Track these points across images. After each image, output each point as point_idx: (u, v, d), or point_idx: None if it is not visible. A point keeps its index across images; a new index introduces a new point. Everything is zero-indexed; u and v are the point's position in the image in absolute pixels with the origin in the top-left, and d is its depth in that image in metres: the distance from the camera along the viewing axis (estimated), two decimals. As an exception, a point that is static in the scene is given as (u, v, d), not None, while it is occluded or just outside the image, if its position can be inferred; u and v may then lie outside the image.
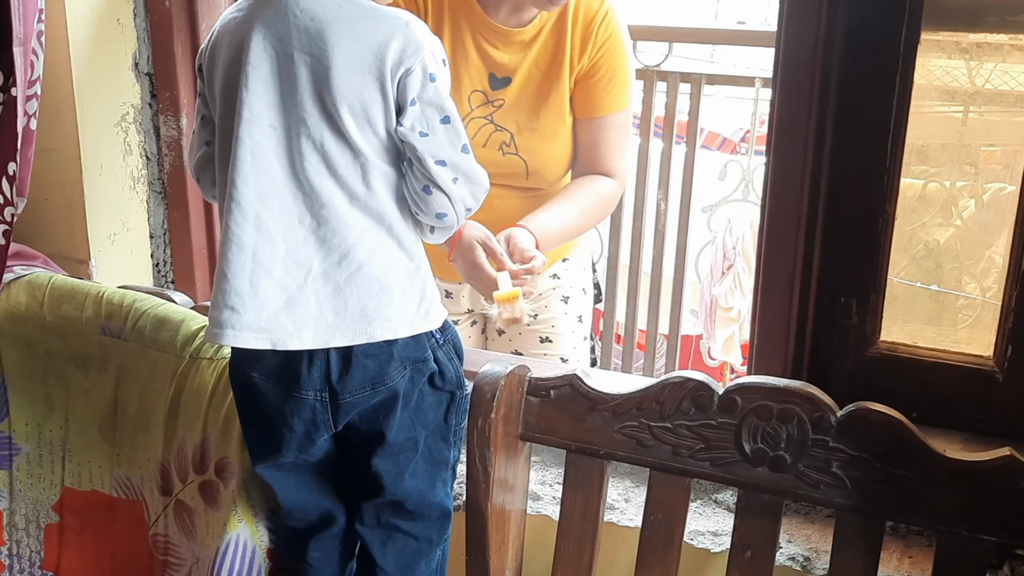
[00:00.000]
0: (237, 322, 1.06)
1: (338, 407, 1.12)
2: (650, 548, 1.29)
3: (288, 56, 1.04)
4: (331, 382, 1.10)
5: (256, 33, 1.04)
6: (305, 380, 1.10)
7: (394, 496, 1.20)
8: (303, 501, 1.22)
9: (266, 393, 1.12)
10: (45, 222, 1.66)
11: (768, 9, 7.16)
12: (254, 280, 1.05)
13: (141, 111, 1.71)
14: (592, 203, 1.72)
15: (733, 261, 3.30)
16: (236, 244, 1.05)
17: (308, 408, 1.11)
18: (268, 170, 1.05)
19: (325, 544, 1.24)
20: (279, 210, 1.05)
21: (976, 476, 1.12)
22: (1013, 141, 1.39)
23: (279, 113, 1.05)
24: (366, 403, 1.13)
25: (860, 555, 1.19)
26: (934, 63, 1.32)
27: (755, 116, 3.11)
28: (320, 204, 1.06)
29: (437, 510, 1.24)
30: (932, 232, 1.42)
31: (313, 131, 1.04)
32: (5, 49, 1.30)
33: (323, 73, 1.03)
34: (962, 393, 1.32)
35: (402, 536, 1.23)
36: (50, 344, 1.44)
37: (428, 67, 1.06)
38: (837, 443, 1.17)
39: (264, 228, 1.05)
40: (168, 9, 1.65)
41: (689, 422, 1.24)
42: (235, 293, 1.05)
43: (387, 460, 1.18)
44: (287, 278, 1.06)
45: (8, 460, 1.49)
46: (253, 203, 1.05)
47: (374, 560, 1.23)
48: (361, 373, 1.10)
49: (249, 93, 1.04)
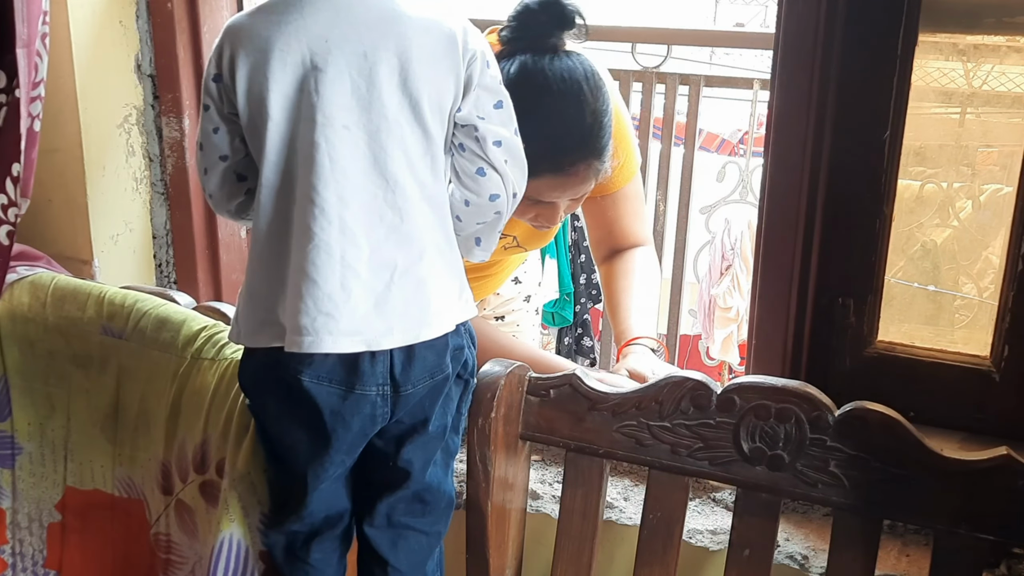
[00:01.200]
0: (334, 327, 1.04)
1: (399, 399, 1.11)
2: (649, 546, 1.29)
3: (359, 55, 1.03)
4: (394, 375, 1.10)
5: (316, 34, 1.03)
6: (368, 377, 1.08)
7: (418, 486, 1.20)
8: (322, 505, 1.20)
9: (317, 396, 1.09)
10: (48, 223, 1.66)
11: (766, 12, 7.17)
12: (345, 284, 1.04)
13: (144, 112, 1.71)
14: (655, 283, 1.74)
15: (731, 261, 3.31)
16: (324, 249, 1.03)
17: (369, 404, 1.10)
18: (348, 172, 1.04)
19: (326, 545, 1.24)
20: (360, 211, 1.04)
21: (973, 475, 1.12)
22: (1010, 142, 1.39)
23: (354, 113, 1.03)
24: (423, 393, 1.13)
25: (858, 554, 1.19)
26: (931, 65, 1.32)
27: (753, 117, 3.11)
28: (403, 199, 1.06)
29: (445, 499, 1.25)
30: (929, 233, 1.42)
31: (394, 126, 1.04)
32: (8, 51, 1.30)
33: (402, 67, 1.03)
34: (959, 393, 1.33)
35: (413, 534, 1.23)
36: (52, 344, 1.44)
37: (486, 54, 1.09)
38: (835, 442, 1.17)
39: (348, 230, 1.04)
40: (170, 11, 1.65)
41: (688, 421, 1.24)
42: (328, 298, 1.04)
43: (419, 449, 1.18)
44: (374, 279, 1.05)
45: (11, 459, 1.49)
46: (335, 206, 1.03)
47: (386, 560, 1.22)
48: (422, 364, 1.11)
49: (320, 97, 1.02)
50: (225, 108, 1.09)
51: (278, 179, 1.06)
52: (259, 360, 1.13)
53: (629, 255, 1.72)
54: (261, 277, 1.09)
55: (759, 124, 3.02)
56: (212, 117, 1.10)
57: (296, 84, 1.03)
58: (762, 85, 2.79)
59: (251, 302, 1.11)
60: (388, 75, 1.03)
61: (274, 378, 1.10)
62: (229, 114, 1.09)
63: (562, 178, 1.39)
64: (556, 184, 1.39)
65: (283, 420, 1.14)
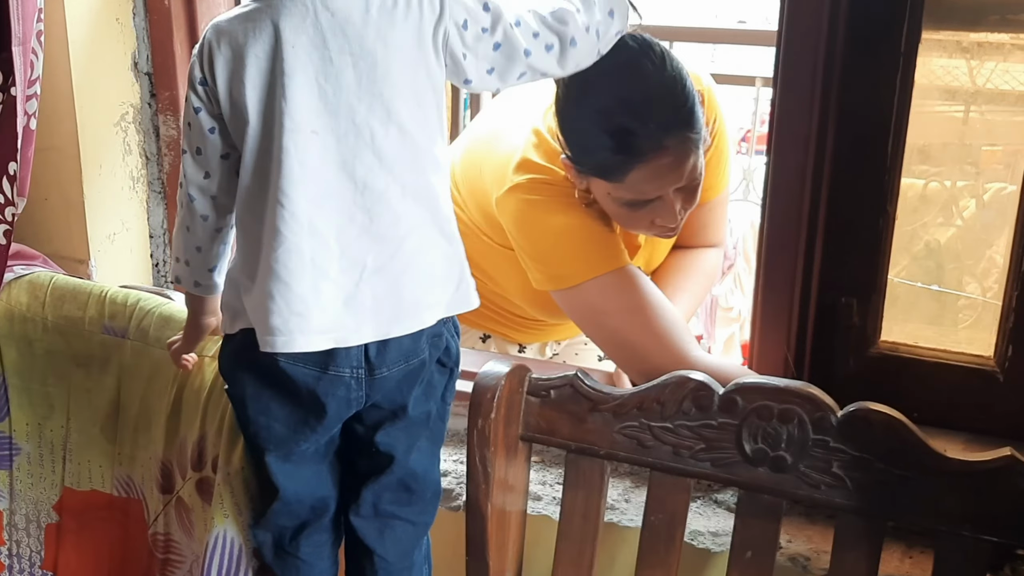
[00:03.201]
0: (306, 327, 1.06)
1: (373, 382, 1.13)
2: (650, 548, 1.29)
3: (326, 60, 1.03)
4: (369, 358, 1.11)
5: (284, 39, 1.03)
6: (342, 359, 1.10)
7: (402, 472, 1.21)
8: (303, 491, 1.21)
9: (295, 376, 1.11)
10: (44, 222, 1.66)
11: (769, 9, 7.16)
12: (316, 284, 1.06)
13: (140, 111, 1.71)
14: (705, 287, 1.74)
15: (734, 261, 3.30)
16: (296, 252, 1.05)
17: (344, 386, 1.12)
18: (317, 175, 1.05)
19: (315, 538, 1.24)
20: (331, 212, 1.06)
21: (977, 476, 1.12)
22: (1014, 141, 1.39)
23: (322, 117, 1.04)
24: (398, 376, 1.14)
25: (861, 556, 1.19)
26: (935, 62, 1.31)
27: (756, 115, 3.11)
28: (373, 200, 1.06)
29: (432, 488, 1.26)
30: (933, 232, 1.42)
31: (363, 129, 1.04)
32: (3, 49, 1.30)
33: (370, 70, 1.04)
34: (963, 393, 1.32)
35: (400, 523, 1.24)
36: (51, 344, 1.44)
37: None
38: (838, 443, 1.17)
39: (318, 232, 1.05)
40: (167, 8, 1.65)
41: (690, 422, 1.24)
42: (300, 300, 1.06)
43: (400, 433, 1.19)
44: (343, 277, 1.07)
45: (8, 460, 1.49)
46: (306, 209, 1.05)
47: (372, 550, 1.24)
48: (397, 348, 1.12)
49: (288, 102, 1.03)
50: (215, 109, 1.10)
51: (254, 183, 1.08)
52: (237, 342, 1.14)
53: (694, 252, 1.72)
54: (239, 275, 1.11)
55: (762, 122, 3.01)
56: (205, 118, 1.11)
57: (267, 89, 1.04)
58: (765, 83, 2.78)
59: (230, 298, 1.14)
60: (355, 79, 1.04)
61: (251, 359, 1.12)
62: (219, 114, 1.10)
63: (651, 164, 1.32)
64: (649, 173, 1.34)
65: (261, 398, 1.15)
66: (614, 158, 1.33)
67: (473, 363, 1.37)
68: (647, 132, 1.31)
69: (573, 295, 1.47)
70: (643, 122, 1.30)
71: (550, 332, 1.85)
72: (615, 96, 1.30)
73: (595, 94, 1.31)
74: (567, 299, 1.48)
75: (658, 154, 1.32)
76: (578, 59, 1.15)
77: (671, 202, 1.38)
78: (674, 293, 1.66)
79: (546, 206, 1.45)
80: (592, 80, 1.26)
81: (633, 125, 1.30)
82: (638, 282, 1.45)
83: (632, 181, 1.34)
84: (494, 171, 1.52)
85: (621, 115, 1.30)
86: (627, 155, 1.32)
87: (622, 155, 1.32)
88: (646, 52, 1.30)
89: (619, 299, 1.43)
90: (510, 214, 1.48)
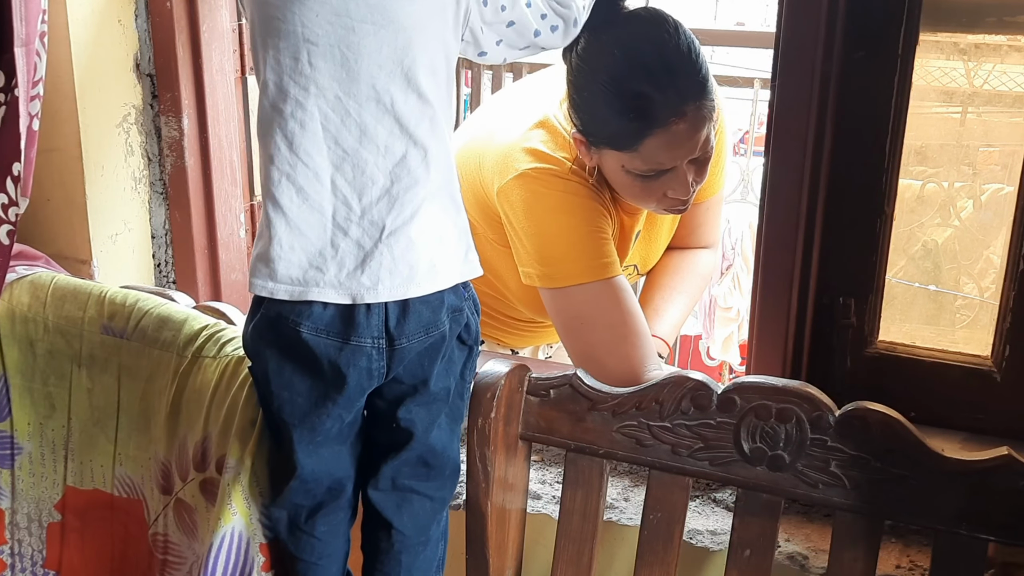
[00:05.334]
0: (321, 280, 1.10)
1: (394, 353, 1.14)
2: (649, 547, 1.29)
3: (349, 28, 1.06)
4: (389, 328, 1.13)
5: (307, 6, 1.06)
6: (363, 328, 1.12)
7: (421, 448, 1.21)
8: (321, 470, 1.22)
9: (316, 347, 1.13)
10: (46, 222, 1.66)
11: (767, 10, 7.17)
12: (335, 241, 1.10)
13: (143, 112, 1.71)
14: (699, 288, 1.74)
15: (732, 261, 3.31)
16: (318, 209, 1.10)
17: (365, 356, 1.13)
18: (340, 139, 1.09)
19: (331, 517, 1.25)
20: (353, 174, 1.10)
21: (974, 476, 1.12)
22: (1011, 142, 1.39)
23: (345, 84, 1.08)
24: (419, 347, 1.15)
25: (859, 554, 1.19)
26: (932, 64, 1.32)
27: (754, 117, 3.12)
28: (394, 163, 1.10)
29: (451, 465, 1.26)
30: (930, 232, 1.42)
31: (383, 95, 1.08)
32: (6, 50, 1.30)
33: (391, 38, 1.07)
34: (960, 393, 1.33)
35: (417, 497, 1.24)
36: (52, 344, 1.44)
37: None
38: (836, 443, 1.17)
39: (340, 192, 1.10)
40: (170, 10, 1.65)
41: (688, 421, 1.24)
42: (319, 253, 1.10)
43: (421, 408, 1.20)
44: (364, 237, 1.10)
45: (10, 459, 1.49)
46: (327, 170, 1.09)
47: (390, 523, 1.24)
48: (416, 319, 1.14)
49: (315, 69, 1.07)
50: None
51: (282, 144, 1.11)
52: (261, 318, 1.16)
53: (689, 253, 1.72)
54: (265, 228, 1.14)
55: (760, 123, 3.02)
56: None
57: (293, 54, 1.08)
58: (763, 84, 2.79)
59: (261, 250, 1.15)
60: (376, 47, 1.07)
61: (275, 332, 1.14)
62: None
63: (667, 131, 1.33)
64: (666, 141, 1.34)
65: (283, 373, 1.17)
66: (630, 125, 1.34)
67: (473, 363, 1.37)
68: (664, 98, 1.32)
69: (560, 296, 1.48)
70: (660, 88, 1.32)
71: (542, 335, 1.85)
72: (632, 63, 1.32)
73: (611, 63, 1.33)
74: (553, 299, 1.49)
75: (675, 120, 1.33)
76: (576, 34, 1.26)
77: (683, 173, 1.39)
78: (669, 294, 1.66)
79: (552, 200, 1.46)
80: (608, 49, 1.31)
81: (650, 90, 1.32)
82: (622, 296, 1.46)
83: (647, 150, 1.34)
84: (496, 161, 1.51)
85: (638, 81, 1.32)
86: (643, 121, 1.33)
87: (638, 122, 1.33)
88: (660, 23, 1.33)
89: (602, 311, 1.45)
90: (514, 201, 1.48)
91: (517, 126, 1.52)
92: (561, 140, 1.47)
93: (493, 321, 1.76)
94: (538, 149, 1.47)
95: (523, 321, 1.76)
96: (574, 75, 1.38)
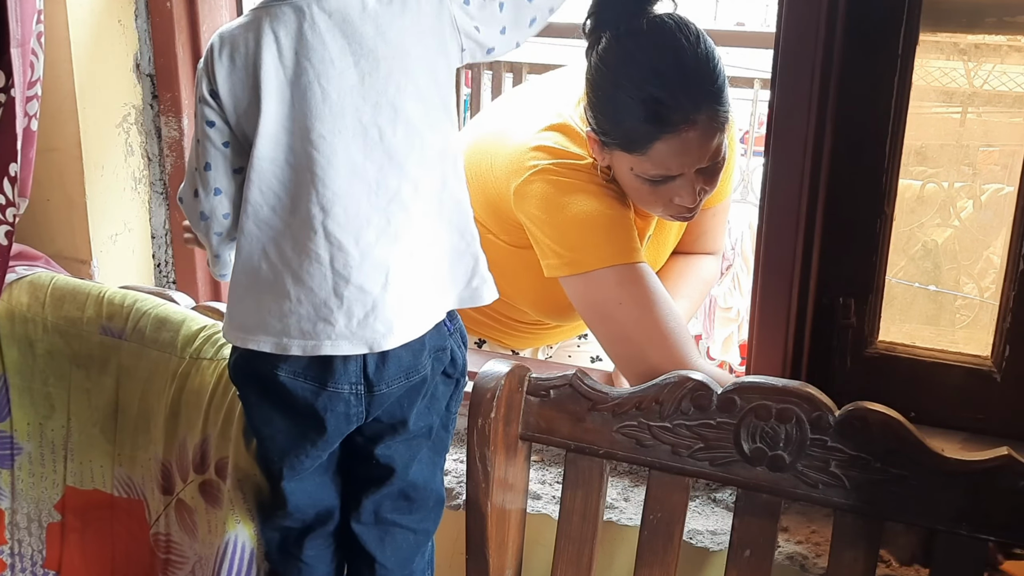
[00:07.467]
0: (332, 332, 1.07)
1: (373, 399, 1.12)
2: (649, 547, 1.29)
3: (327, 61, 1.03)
4: (368, 375, 1.11)
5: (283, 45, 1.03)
6: (340, 375, 1.10)
7: (402, 483, 1.20)
8: (306, 502, 1.21)
9: (294, 391, 1.11)
10: (46, 222, 1.66)
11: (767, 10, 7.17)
12: (337, 290, 1.06)
13: (142, 112, 1.71)
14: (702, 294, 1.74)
15: (732, 261, 3.30)
16: (315, 259, 1.05)
17: (343, 402, 1.11)
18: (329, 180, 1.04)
19: (319, 542, 1.24)
20: (347, 218, 1.05)
21: (974, 476, 1.12)
22: (1011, 142, 1.39)
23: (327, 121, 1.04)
24: (399, 392, 1.13)
25: (859, 554, 1.19)
26: (932, 64, 1.32)
27: (754, 117, 3.12)
28: (388, 200, 1.06)
29: (434, 497, 1.25)
30: (930, 232, 1.42)
31: (370, 129, 1.04)
32: (3, 51, 1.30)
33: (372, 69, 1.04)
34: (960, 393, 1.32)
35: (400, 530, 1.24)
36: (51, 344, 1.44)
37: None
38: (836, 443, 1.17)
39: (333, 237, 1.05)
40: (170, 10, 1.65)
41: (688, 422, 1.24)
42: (324, 305, 1.06)
43: (400, 446, 1.18)
44: (368, 282, 1.07)
45: (10, 460, 1.49)
46: (319, 216, 1.05)
47: (373, 557, 1.23)
48: (396, 364, 1.11)
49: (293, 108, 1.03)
50: (225, 118, 1.09)
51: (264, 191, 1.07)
52: (241, 355, 1.14)
53: (693, 259, 1.72)
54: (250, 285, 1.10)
55: (760, 123, 3.02)
56: (222, 128, 1.09)
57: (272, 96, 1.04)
58: (763, 84, 2.79)
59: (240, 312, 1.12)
60: (358, 80, 1.04)
61: (252, 371, 1.12)
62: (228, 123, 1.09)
63: (678, 136, 1.34)
64: (676, 147, 1.35)
65: (263, 410, 1.16)
66: (642, 128, 1.34)
67: (473, 363, 1.37)
68: (677, 103, 1.33)
69: (586, 282, 1.45)
70: (674, 93, 1.33)
71: (544, 336, 1.85)
72: (650, 67, 1.33)
73: (628, 64, 1.33)
74: (579, 285, 1.47)
75: (686, 126, 1.33)
76: None
77: (692, 182, 1.39)
78: (673, 297, 1.66)
79: (573, 188, 1.45)
80: (627, 51, 1.31)
81: (664, 95, 1.32)
82: (651, 280, 1.45)
83: (656, 154, 1.35)
84: (511, 161, 1.50)
85: (653, 85, 1.32)
86: (654, 125, 1.34)
87: (650, 125, 1.34)
88: (682, 29, 1.33)
89: (631, 292, 1.43)
90: (533, 197, 1.47)
91: (530, 126, 1.52)
92: (579, 140, 1.48)
93: (495, 323, 1.76)
94: (553, 147, 1.48)
95: (526, 323, 1.75)
96: (592, 73, 1.38)
